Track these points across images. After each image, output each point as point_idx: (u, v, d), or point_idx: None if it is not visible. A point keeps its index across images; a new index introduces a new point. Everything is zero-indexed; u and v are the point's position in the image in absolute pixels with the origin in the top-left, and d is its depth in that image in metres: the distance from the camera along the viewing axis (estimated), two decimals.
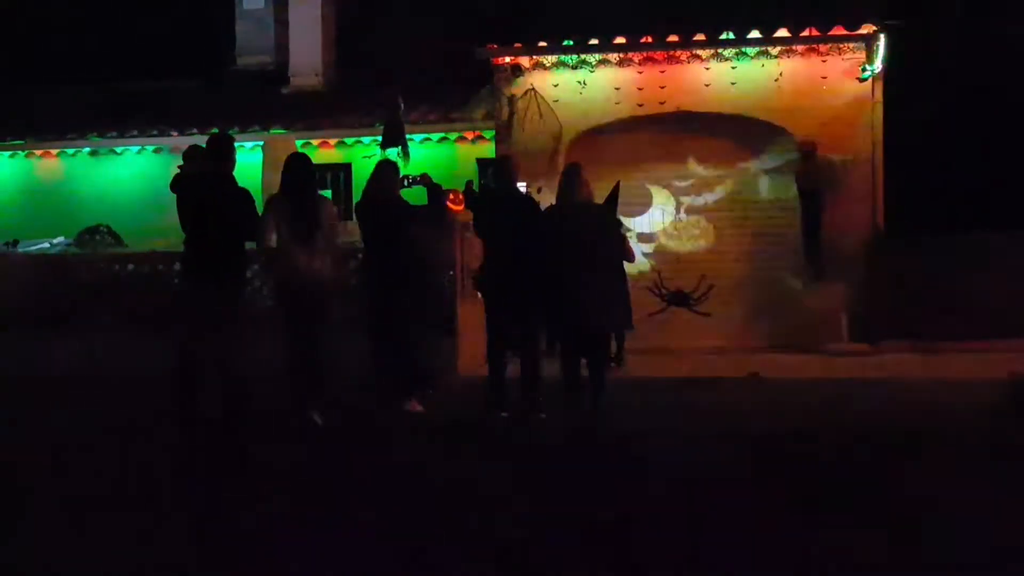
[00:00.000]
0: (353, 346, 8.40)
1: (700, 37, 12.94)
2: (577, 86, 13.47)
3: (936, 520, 4.99)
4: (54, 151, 16.42)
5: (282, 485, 6.10)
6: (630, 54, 13.24)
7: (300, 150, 14.76)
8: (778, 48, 12.93)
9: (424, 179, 8.61)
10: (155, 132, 15.86)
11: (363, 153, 14.49)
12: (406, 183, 8.71)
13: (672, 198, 13.75)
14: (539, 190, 11.76)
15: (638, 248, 11.59)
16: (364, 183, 8.63)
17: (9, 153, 16.58)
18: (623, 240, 10.72)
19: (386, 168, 8.55)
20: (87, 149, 16.32)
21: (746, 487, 5.85)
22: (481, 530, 5.02)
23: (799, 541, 4.70)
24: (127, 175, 16.20)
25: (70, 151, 16.37)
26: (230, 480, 6.38)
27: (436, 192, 8.50)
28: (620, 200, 8.63)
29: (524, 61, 13.46)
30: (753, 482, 6.00)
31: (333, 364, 8.07)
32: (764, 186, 13.36)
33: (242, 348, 7.85)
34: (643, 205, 13.58)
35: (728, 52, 13.03)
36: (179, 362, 7.73)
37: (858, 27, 12.59)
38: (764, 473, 6.22)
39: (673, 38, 12.97)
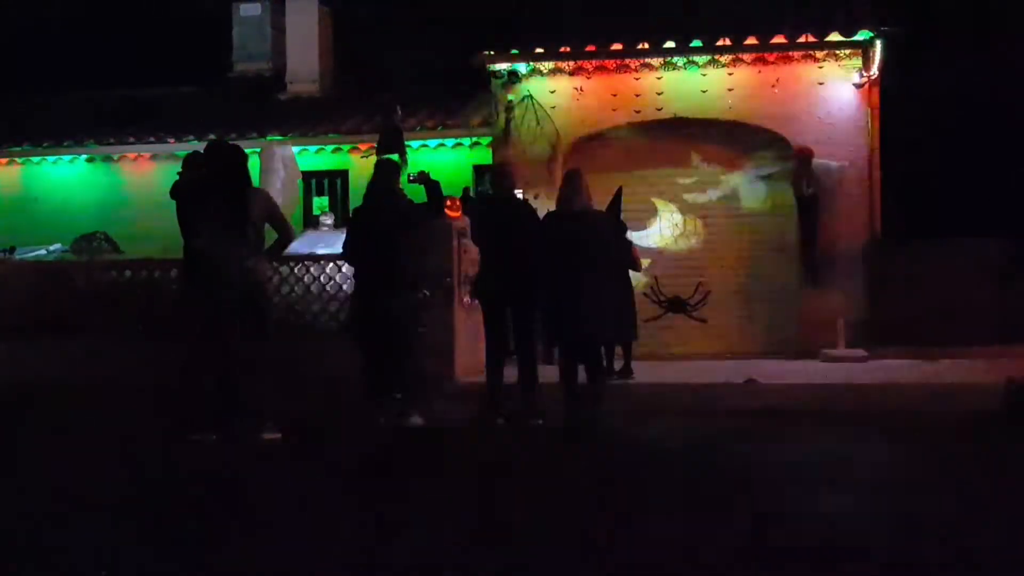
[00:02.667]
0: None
1: (697, 43, 12.97)
2: (574, 92, 13.50)
3: None
4: (51, 157, 16.44)
5: (284, 493, 6.09)
6: (627, 60, 13.27)
7: (298, 156, 14.82)
8: (775, 54, 12.96)
9: (422, 176, 8.59)
10: (152, 139, 15.87)
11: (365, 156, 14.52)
12: (408, 181, 8.69)
13: (669, 204, 13.76)
14: (536, 196, 11.78)
15: None
16: (361, 188, 8.60)
17: (7, 160, 16.59)
18: (629, 247, 10.79)
19: (387, 165, 8.51)
20: (84, 155, 16.33)
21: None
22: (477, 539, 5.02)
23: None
24: (123, 182, 16.21)
25: (67, 157, 16.39)
26: (233, 484, 6.36)
27: (434, 188, 8.46)
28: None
29: (521, 67, 13.49)
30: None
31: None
32: (761, 192, 13.37)
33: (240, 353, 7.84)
34: (640, 212, 13.59)
35: (725, 58, 13.07)
36: (182, 368, 7.70)
37: (854, 33, 12.62)
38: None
39: (669, 44, 13.00)
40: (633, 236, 12.25)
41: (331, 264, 11.01)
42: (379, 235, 8.09)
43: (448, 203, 10.22)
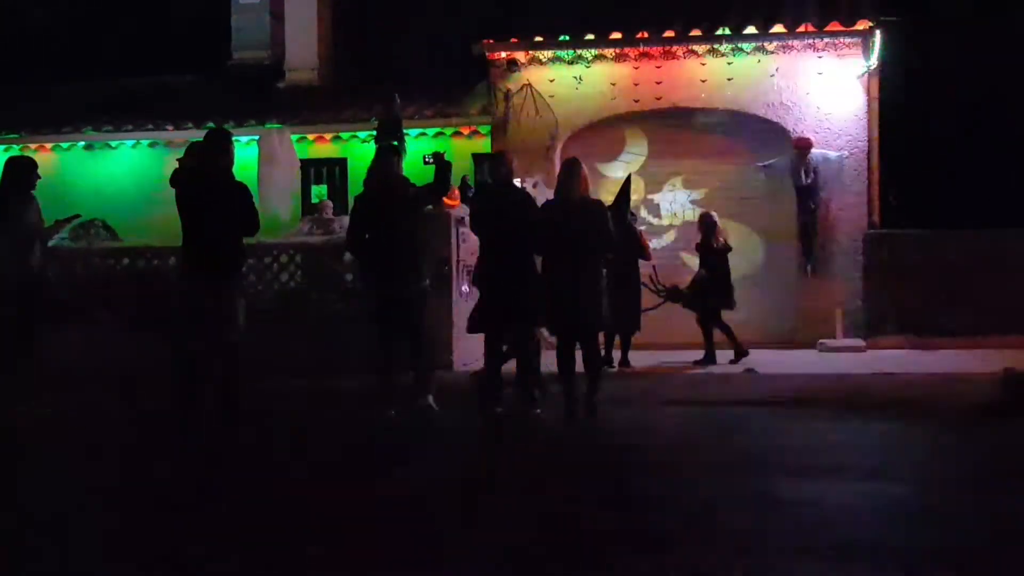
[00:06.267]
0: None
1: (696, 32, 12.96)
2: (573, 81, 13.48)
3: None
4: (49, 145, 16.40)
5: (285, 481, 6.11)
6: (626, 49, 13.25)
7: (297, 144, 14.79)
8: (774, 44, 12.95)
9: (437, 157, 8.54)
10: (150, 126, 15.84)
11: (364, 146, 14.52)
12: (423, 163, 8.65)
13: (668, 194, 13.76)
14: (535, 185, 11.77)
15: None
16: (360, 177, 8.59)
17: (4, 147, 16.55)
18: (639, 236, 10.76)
19: (387, 152, 8.49)
20: (82, 143, 16.29)
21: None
22: (480, 529, 5.03)
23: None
24: (122, 169, 16.18)
25: (65, 145, 16.36)
26: (229, 473, 6.37)
27: (444, 171, 8.42)
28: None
29: (520, 56, 13.47)
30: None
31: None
32: (760, 182, 13.36)
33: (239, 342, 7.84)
34: (638, 201, 13.58)
35: (724, 47, 13.05)
36: (179, 357, 7.69)
37: (854, 23, 12.61)
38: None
39: (669, 33, 12.99)
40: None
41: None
42: (384, 222, 8.06)
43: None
